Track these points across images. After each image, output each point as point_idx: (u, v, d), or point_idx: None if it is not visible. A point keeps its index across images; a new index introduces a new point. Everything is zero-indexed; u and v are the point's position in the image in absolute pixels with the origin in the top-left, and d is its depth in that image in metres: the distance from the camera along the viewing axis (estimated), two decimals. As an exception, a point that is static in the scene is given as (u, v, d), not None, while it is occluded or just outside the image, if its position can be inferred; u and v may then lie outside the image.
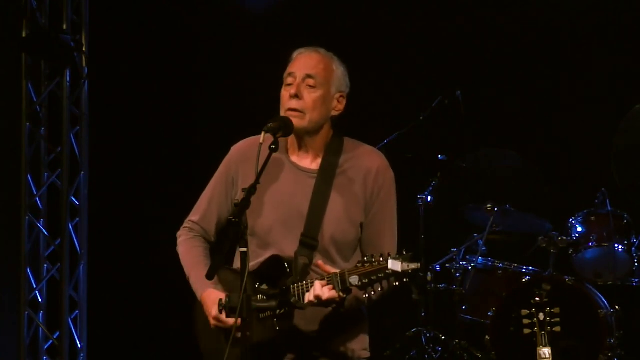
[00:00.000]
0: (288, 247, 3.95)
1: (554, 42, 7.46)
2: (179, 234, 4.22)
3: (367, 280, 3.72)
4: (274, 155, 3.87)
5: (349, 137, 4.14)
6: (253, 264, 3.96)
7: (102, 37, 7.40)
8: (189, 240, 4.16)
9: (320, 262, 3.85)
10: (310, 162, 4.06)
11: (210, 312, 3.94)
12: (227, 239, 3.81)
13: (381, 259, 3.72)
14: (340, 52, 4.17)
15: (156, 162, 7.57)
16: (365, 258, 3.76)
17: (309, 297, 3.80)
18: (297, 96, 3.98)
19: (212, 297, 3.95)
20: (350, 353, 4.04)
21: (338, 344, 4.02)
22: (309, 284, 3.83)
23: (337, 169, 4.02)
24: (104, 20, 7.43)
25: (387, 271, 3.70)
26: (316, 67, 4.00)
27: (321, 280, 3.80)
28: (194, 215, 4.18)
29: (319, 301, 3.78)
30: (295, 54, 4.06)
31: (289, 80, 4.01)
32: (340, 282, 3.76)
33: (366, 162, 4.05)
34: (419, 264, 3.72)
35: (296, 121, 3.97)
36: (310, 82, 3.99)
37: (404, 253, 3.72)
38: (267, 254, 3.97)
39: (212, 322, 3.94)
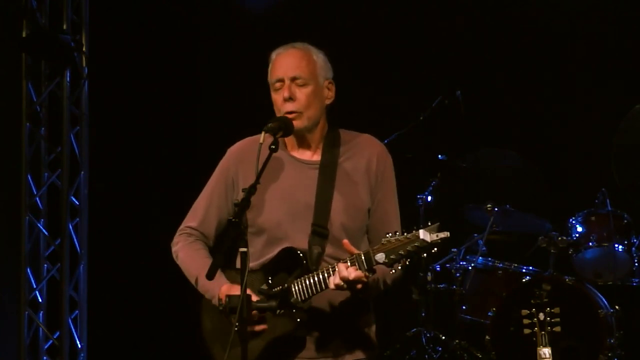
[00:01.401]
0: (299, 239, 3.96)
1: (554, 42, 7.46)
2: (174, 241, 4.19)
3: (394, 256, 3.73)
4: (274, 155, 3.88)
5: (344, 129, 4.16)
6: (263, 260, 3.97)
7: (102, 37, 7.40)
8: (188, 245, 4.14)
9: (345, 241, 3.85)
10: (310, 155, 4.08)
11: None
12: (227, 239, 3.81)
13: (406, 233, 3.73)
14: (340, 52, 4.18)
15: (156, 162, 7.57)
16: (389, 235, 3.76)
17: (335, 280, 3.80)
18: (290, 98, 4.00)
19: (230, 289, 3.92)
20: (363, 339, 4.08)
21: (353, 333, 4.05)
22: (331, 269, 3.83)
23: (339, 159, 4.05)
24: (104, 20, 7.43)
25: (416, 243, 3.70)
26: (299, 65, 4.02)
27: (343, 262, 3.80)
28: (191, 221, 4.17)
29: (345, 282, 3.78)
30: (274, 56, 4.07)
31: (277, 85, 4.03)
32: (365, 261, 3.77)
33: (366, 149, 4.10)
34: (448, 233, 3.72)
35: (296, 123, 3.99)
36: (298, 81, 4.01)
37: (429, 224, 3.73)
38: (277, 250, 3.97)
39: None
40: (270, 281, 3.92)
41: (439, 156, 6.90)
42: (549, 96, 7.51)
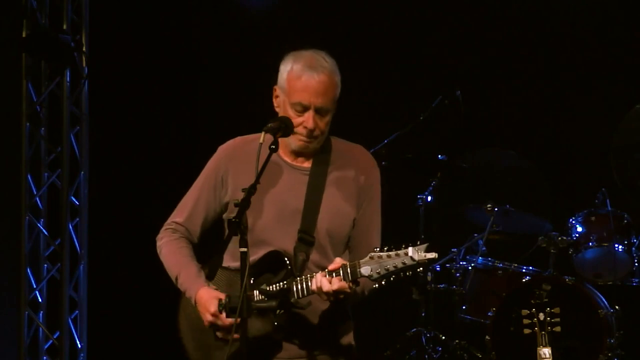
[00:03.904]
0: (284, 243, 3.97)
1: (554, 42, 7.46)
2: (159, 236, 4.20)
3: (380, 271, 3.73)
4: (265, 155, 3.88)
5: (336, 137, 4.15)
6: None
7: (102, 37, 7.40)
8: (173, 241, 4.15)
9: (338, 258, 3.86)
10: (302, 161, 4.08)
11: (207, 308, 3.92)
12: (227, 238, 3.81)
13: (394, 250, 3.73)
14: (340, 52, 4.17)
15: (156, 162, 7.57)
16: (376, 249, 3.76)
17: (316, 287, 3.80)
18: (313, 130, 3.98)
19: (209, 294, 3.95)
20: (340, 344, 4.07)
21: (330, 338, 4.05)
22: (310, 279, 3.84)
23: (329, 167, 4.06)
24: (104, 20, 7.43)
25: (404, 260, 3.70)
26: (326, 93, 3.94)
27: (325, 272, 3.81)
28: (178, 217, 4.17)
29: (327, 292, 3.79)
30: (303, 76, 3.94)
31: (298, 108, 3.96)
32: (350, 273, 3.77)
33: (356, 159, 4.11)
34: (436, 254, 3.72)
35: (311, 147, 4.00)
36: (322, 111, 3.97)
37: (418, 243, 3.74)
38: (261, 252, 3.97)
39: (209, 318, 3.93)
40: (252, 282, 3.92)
41: (439, 156, 6.89)
42: (549, 96, 7.51)
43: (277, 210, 3.99)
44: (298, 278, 3.87)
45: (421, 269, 3.73)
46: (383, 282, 3.76)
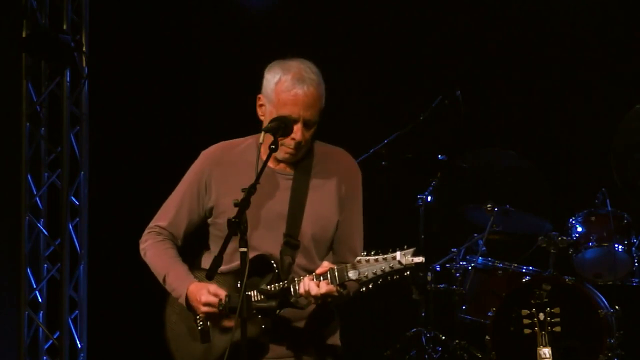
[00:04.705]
0: (269, 247, 3.99)
1: (554, 42, 7.46)
2: (143, 239, 4.24)
3: (367, 275, 3.74)
4: (250, 159, 3.91)
5: (318, 140, 4.15)
6: (233, 265, 3.97)
7: (102, 37, 7.40)
8: (158, 243, 4.19)
9: (325, 262, 3.88)
10: (285, 166, 4.09)
11: (199, 299, 3.93)
12: (227, 239, 3.81)
13: (381, 254, 3.74)
14: (340, 52, 4.18)
15: (156, 162, 7.57)
16: (364, 253, 3.78)
17: (304, 290, 3.82)
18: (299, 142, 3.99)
19: (198, 285, 3.98)
20: (326, 344, 4.10)
21: (316, 338, 4.08)
22: (298, 282, 3.86)
23: (312, 171, 4.08)
24: (104, 20, 7.43)
25: (391, 264, 3.71)
26: (314, 107, 3.96)
27: (312, 276, 3.83)
28: (161, 220, 4.20)
29: (315, 296, 3.80)
30: (293, 89, 3.95)
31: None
32: (338, 277, 3.79)
33: (338, 163, 4.13)
34: (423, 258, 3.73)
35: (296, 157, 4.02)
36: (310, 124, 3.99)
37: (405, 247, 3.74)
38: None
39: (203, 308, 3.94)
40: (239, 286, 3.92)
41: (439, 156, 6.89)
42: (549, 96, 7.51)
43: (263, 215, 4.01)
44: (296, 279, 3.88)
45: (408, 273, 3.74)
46: (370, 286, 3.78)
